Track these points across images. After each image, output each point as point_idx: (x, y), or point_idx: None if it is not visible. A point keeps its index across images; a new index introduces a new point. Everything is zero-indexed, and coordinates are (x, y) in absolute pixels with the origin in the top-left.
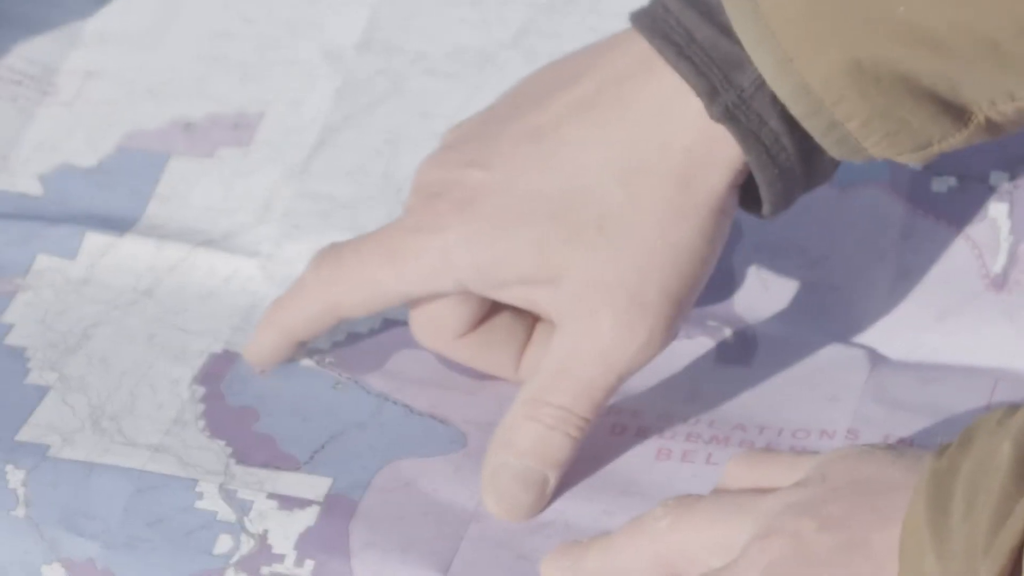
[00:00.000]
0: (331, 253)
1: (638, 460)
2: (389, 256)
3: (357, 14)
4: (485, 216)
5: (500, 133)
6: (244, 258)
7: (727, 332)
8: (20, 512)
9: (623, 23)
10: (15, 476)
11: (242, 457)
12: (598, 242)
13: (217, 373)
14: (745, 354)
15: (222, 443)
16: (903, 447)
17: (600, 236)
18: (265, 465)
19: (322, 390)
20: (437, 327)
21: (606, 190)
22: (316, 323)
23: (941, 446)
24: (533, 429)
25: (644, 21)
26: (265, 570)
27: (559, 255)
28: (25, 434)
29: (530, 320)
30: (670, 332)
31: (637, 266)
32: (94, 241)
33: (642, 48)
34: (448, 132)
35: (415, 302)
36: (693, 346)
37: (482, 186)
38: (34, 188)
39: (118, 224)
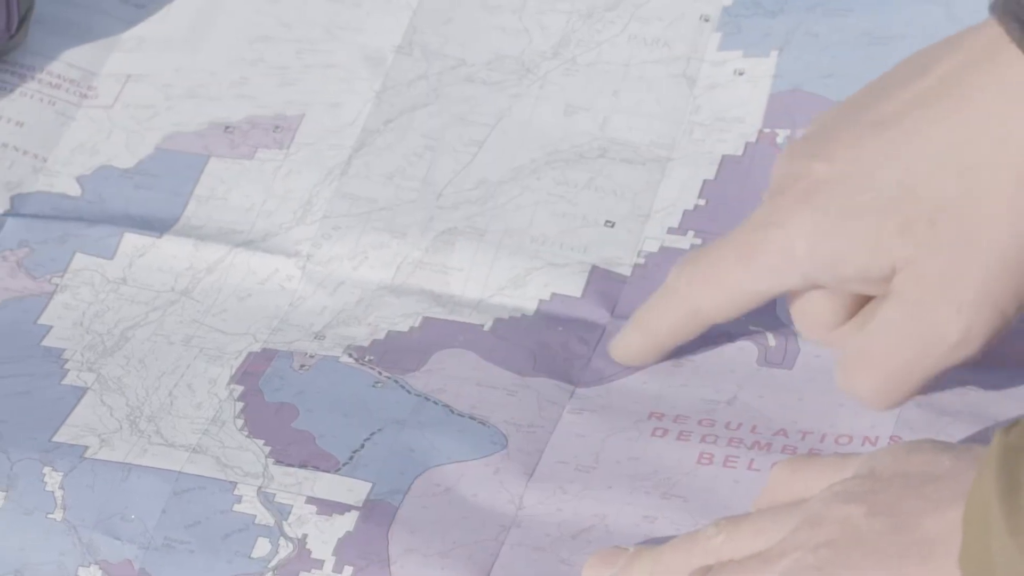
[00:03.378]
0: (691, 258)
1: (679, 465)
2: (739, 255)
3: (397, 18)
4: (824, 210)
5: (847, 125)
6: (283, 258)
7: (769, 336)
8: (58, 515)
9: (664, 28)
10: (53, 478)
11: (281, 456)
12: (928, 237)
13: (255, 371)
14: (787, 358)
15: (260, 442)
16: (950, 443)
17: (931, 231)
18: (304, 465)
19: (362, 388)
20: (813, 319)
21: (941, 184)
22: (681, 329)
23: (1010, 422)
24: None
25: (998, 5)
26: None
27: (891, 250)
28: (63, 435)
29: None
30: (986, 335)
31: (963, 264)
32: (132, 241)
33: (990, 36)
34: (815, 118)
35: (792, 297)
36: (735, 350)
37: (823, 179)
38: (73, 189)
39: (157, 224)
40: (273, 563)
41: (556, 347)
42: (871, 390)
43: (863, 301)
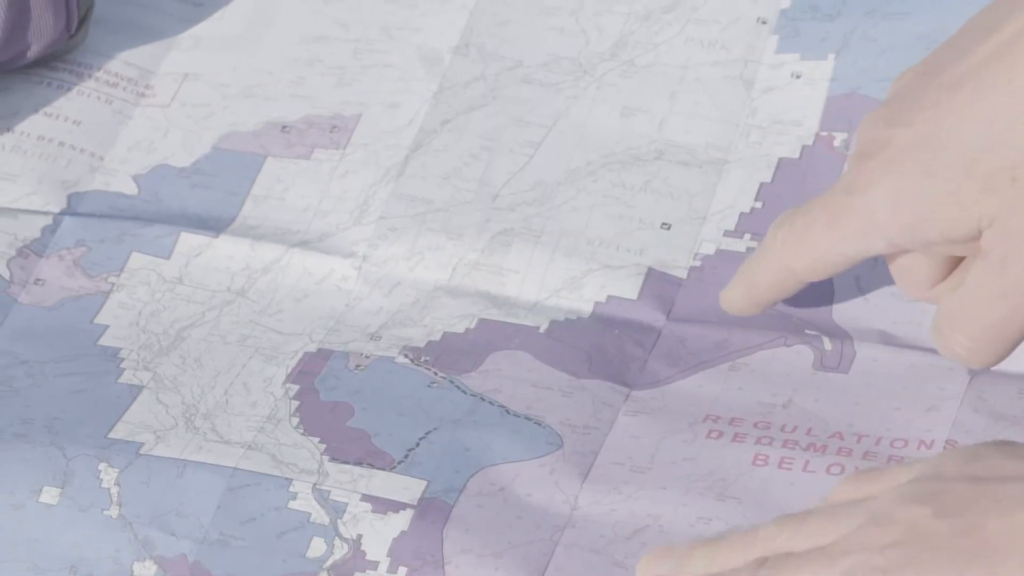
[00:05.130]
0: (786, 217)
1: (734, 466)
2: (828, 219)
3: (454, 19)
4: (905, 174)
5: (925, 88)
6: (339, 259)
7: (825, 340)
8: (114, 511)
9: (721, 30)
10: (109, 475)
11: (336, 454)
12: (1010, 192)
13: (311, 370)
14: (843, 362)
15: (316, 440)
16: (1018, 445)
17: (1013, 186)
18: (359, 462)
19: (418, 388)
20: (911, 279)
21: (1019, 138)
22: (778, 287)
23: None
24: None
25: None
26: None
27: (973, 209)
28: (119, 431)
29: None
30: None
31: None
32: (189, 241)
33: None
34: (895, 82)
35: (889, 257)
36: (791, 354)
37: (904, 144)
38: (129, 188)
39: (213, 224)
40: (328, 563)
41: (612, 349)
42: (966, 349)
43: (960, 259)
